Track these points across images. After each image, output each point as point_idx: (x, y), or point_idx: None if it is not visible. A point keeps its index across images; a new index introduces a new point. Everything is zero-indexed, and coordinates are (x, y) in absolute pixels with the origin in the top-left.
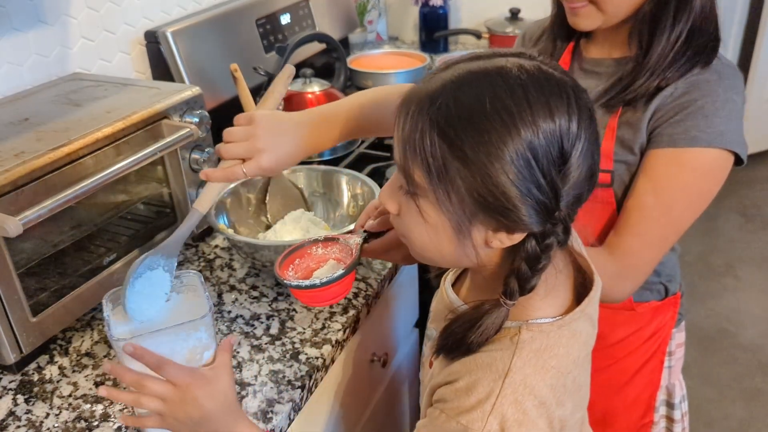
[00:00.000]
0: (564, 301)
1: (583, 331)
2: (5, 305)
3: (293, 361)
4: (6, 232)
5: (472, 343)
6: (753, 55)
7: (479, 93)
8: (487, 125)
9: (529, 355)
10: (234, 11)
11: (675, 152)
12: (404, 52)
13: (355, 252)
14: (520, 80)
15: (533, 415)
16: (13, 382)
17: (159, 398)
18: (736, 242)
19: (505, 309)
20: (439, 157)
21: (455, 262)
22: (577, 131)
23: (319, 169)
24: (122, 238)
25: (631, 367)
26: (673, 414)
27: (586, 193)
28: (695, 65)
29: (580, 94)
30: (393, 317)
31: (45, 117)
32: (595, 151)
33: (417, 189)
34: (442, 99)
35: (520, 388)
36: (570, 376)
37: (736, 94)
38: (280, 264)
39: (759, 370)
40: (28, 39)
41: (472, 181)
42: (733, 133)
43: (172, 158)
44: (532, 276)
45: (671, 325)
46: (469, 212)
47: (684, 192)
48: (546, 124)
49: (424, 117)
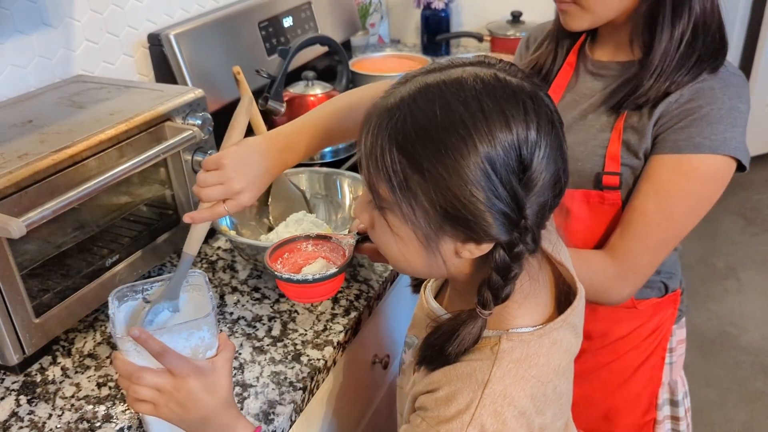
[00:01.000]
0: (544, 310)
1: (564, 340)
2: (8, 306)
3: (295, 362)
4: (9, 233)
5: (451, 354)
6: (754, 59)
7: (434, 107)
8: (444, 138)
9: (509, 365)
10: (236, 14)
11: (678, 158)
12: (406, 55)
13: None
14: (474, 91)
15: (513, 425)
16: (15, 383)
17: (154, 388)
18: (737, 245)
19: (482, 319)
20: (399, 171)
21: (426, 273)
22: (536, 139)
23: (321, 171)
24: (125, 239)
25: (632, 364)
26: (677, 412)
27: (551, 199)
28: (703, 70)
29: (539, 101)
30: (394, 319)
31: (48, 119)
32: (558, 157)
33: (383, 203)
34: (399, 114)
35: (500, 399)
36: (550, 385)
37: (741, 102)
38: (270, 255)
39: (761, 372)
40: (32, 41)
41: (434, 194)
42: (736, 140)
43: (175, 160)
44: (505, 285)
45: (671, 322)
46: (434, 225)
47: (686, 198)
48: (502, 133)
49: (383, 133)
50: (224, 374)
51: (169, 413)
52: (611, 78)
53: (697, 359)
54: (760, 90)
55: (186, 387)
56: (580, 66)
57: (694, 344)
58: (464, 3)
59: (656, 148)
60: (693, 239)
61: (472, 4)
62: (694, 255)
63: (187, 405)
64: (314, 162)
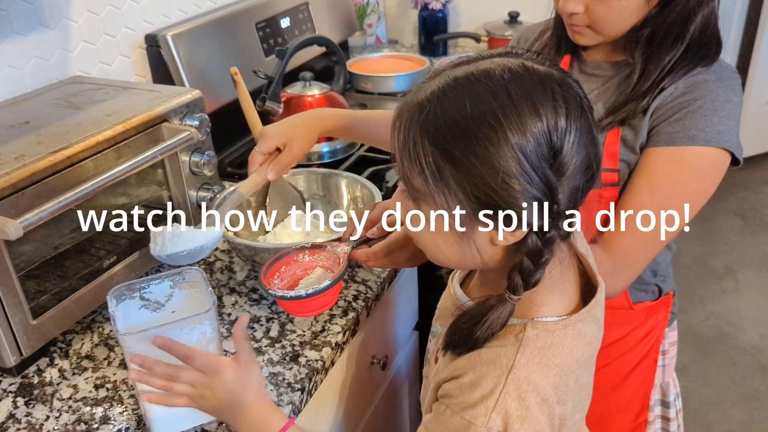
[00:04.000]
0: (570, 301)
1: (588, 332)
2: (5, 308)
3: (293, 363)
4: (6, 234)
5: (479, 338)
6: (751, 59)
7: (464, 98)
8: (474, 128)
9: (533, 352)
10: (234, 15)
11: (673, 151)
12: (404, 55)
13: (343, 262)
14: (503, 80)
15: (535, 411)
16: (13, 385)
17: (189, 384)
18: (734, 245)
19: (510, 304)
20: (432, 162)
21: (460, 263)
22: (566, 124)
23: (319, 172)
24: (122, 240)
25: (625, 367)
26: (668, 413)
27: (584, 184)
28: (698, 65)
29: (568, 87)
30: (393, 320)
31: (45, 120)
32: (588, 141)
33: (418, 194)
34: (429, 107)
35: (524, 385)
36: (573, 375)
37: (735, 95)
38: (265, 273)
39: (758, 372)
40: (29, 42)
41: (466, 183)
42: (730, 132)
43: (172, 161)
44: (536, 270)
45: (664, 325)
46: (468, 213)
47: (681, 191)
48: (532, 120)
49: (415, 126)
50: (253, 367)
51: (206, 405)
52: (605, 78)
53: (695, 359)
54: (757, 90)
55: (219, 383)
56: (574, 65)
57: (692, 344)
58: (461, 3)
59: (651, 141)
60: (691, 239)
61: (470, 5)
62: (691, 255)
63: (222, 398)
64: (312, 163)
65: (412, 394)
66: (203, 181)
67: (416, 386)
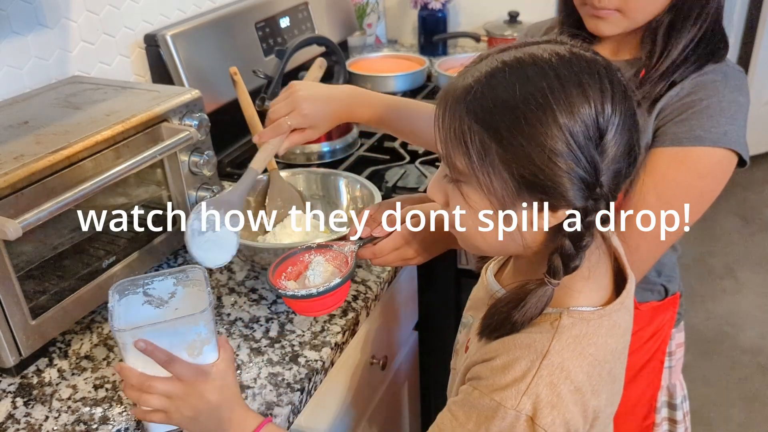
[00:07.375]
0: (605, 291)
1: (623, 323)
2: (4, 308)
3: (292, 363)
4: (5, 235)
5: (516, 321)
6: (752, 58)
7: (513, 79)
8: (522, 107)
9: (569, 339)
10: (233, 14)
11: (679, 151)
12: (403, 55)
13: (351, 261)
14: (551, 63)
15: (567, 399)
16: (12, 385)
17: (165, 396)
18: (735, 245)
19: (550, 288)
20: (478, 142)
21: (502, 248)
22: (611, 108)
23: (318, 171)
24: (121, 240)
25: (632, 368)
26: (676, 415)
27: (626, 168)
28: (706, 64)
29: (612, 73)
30: (392, 320)
31: (44, 120)
32: (632, 126)
33: (460, 176)
34: (477, 88)
35: (557, 371)
36: (607, 366)
37: (742, 96)
38: (273, 272)
39: (758, 372)
40: (28, 42)
41: (512, 162)
42: (736, 133)
43: (172, 161)
44: (576, 254)
45: (671, 326)
46: (512, 193)
47: (686, 191)
48: (579, 101)
49: (461, 106)
50: (230, 375)
51: (181, 418)
52: None
53: (695, 359)
54: (757, 90)
55: (196, 391)
56: None
57: (692, 344)
58: (461, 3)
59: (657, 141)
60: (691, 239)
61: (469, 5)
62: (691, 255)
63: (199, 408)
64: (311, 163)
65: (412, 394)
66: (202, 181)
67: (416, 386)
